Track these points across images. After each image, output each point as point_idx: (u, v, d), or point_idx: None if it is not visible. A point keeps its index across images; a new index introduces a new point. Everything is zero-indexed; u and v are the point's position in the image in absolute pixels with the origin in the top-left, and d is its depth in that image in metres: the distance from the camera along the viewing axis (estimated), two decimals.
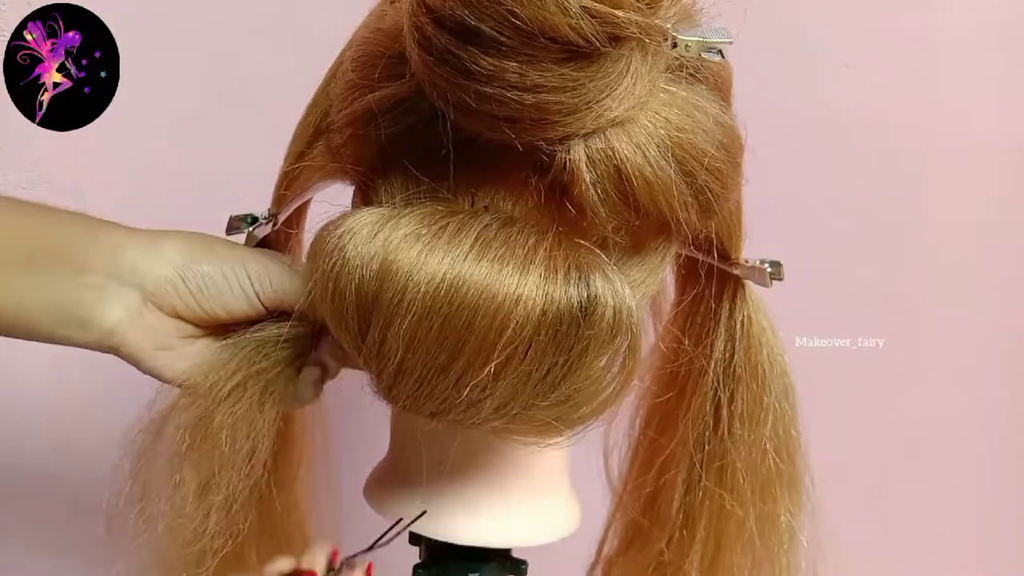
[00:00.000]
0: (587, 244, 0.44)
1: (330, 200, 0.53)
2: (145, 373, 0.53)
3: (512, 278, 0.41)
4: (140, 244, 0.51)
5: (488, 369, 0.42)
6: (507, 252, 0.42)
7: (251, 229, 0.55)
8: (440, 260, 0.42)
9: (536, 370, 0.43)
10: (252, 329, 0.52)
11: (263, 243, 0.58)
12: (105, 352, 0.51)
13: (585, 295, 0.42)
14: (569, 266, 0.42)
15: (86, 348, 0.51)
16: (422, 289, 0.41)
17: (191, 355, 0.52)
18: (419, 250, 0.42)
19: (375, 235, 0.43)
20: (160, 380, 0.53)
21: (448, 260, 0.42)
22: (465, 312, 0.41)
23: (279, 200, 0.55)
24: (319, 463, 0.68)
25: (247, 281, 0.51)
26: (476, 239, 0.42)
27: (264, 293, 0.51)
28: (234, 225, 0.55)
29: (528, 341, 0.42)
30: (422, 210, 0.44)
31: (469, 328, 0.42)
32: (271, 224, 0.55)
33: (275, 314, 0.52)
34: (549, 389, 0.44)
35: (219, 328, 0.52)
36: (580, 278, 0.42)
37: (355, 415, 0.69)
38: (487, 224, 0.43)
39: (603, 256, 0.44)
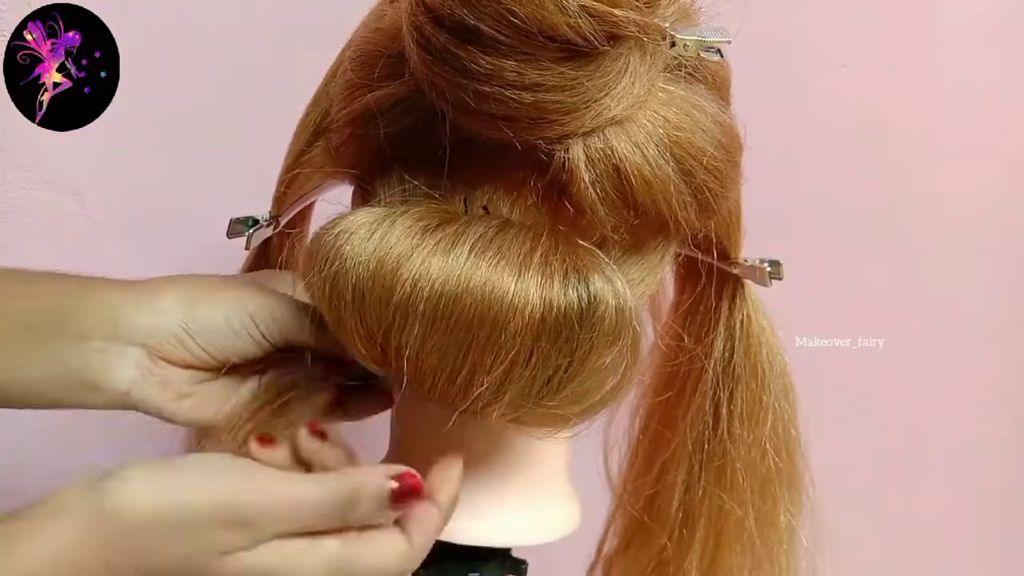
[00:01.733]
0: (585, 244, 0.44)
1: (332, 201, 0.53)
2: (170, 422, 0.52)
3: (508, 286, 0.41)
4: (137, 300, 0.50)
5: (492, 377, 0.42)
6: (503, 260, 0.42)
7: (252, 232, 0.55)
8: (437, 271, 0.41)
9: (541, 373, 0.43)
10: (268, 378, 0.52)
11: (264, 245, 0.58)
12: (126, 410, 0.51)
13: (586, 298, 0.42)
14: (567, 269, 0.42)
15: (105, 409, 0.51)
16: (421, 306, 0.41)
17: (213, 397, 0.52)
18: (416, 258, 0.42)
19: (371, 235, 0.43)
20: (187, 427, 0.53)
21: (445, 270, 0.41)
22: (463, 324, 0.41)
23: (280, 201, 0.55)
24: None
25: (251, 323, 0.50)
26: (472, 247, 0.42)
27: (270, 333, 0.51)
28: (235, 228, 0.55)
29: (530, 348, 0.42)
30: (418, 210, 0.44)
31: (471, 340, 0.42)
32: (272, 226, 0.55)
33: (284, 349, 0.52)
34: (556, 390, 0.44)
35: (234, 367, 0.52)
36: (579, 280, 0.42)
37: None
38: (483, 231, 0.43)
39: (601, 255, 0.44)
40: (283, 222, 0.55)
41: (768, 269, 0.53)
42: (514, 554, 0.57)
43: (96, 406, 0.51)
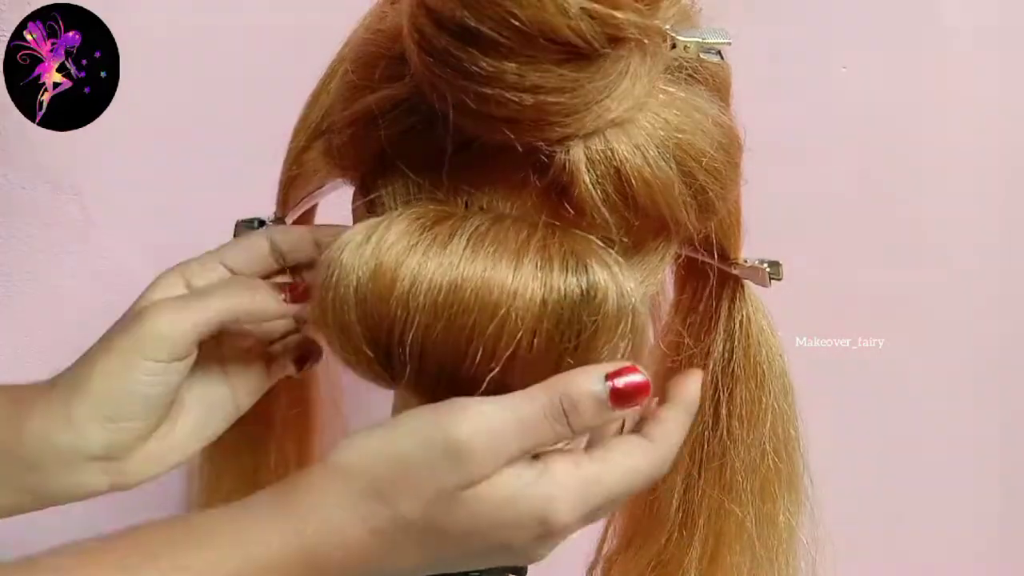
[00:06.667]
0: (580, 233, 0.44)
1: (335, 202, 0.53)
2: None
3: (507, 272, 0.42)
4: (58, 422, 0.48)
5: (495, 365, 0.42)
6: (500, 248, 0.42)
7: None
8: (435, 264, 0.42)
9: (545, 361, 0.43)
10: None
11: None
12: None
13: (585, 280, 0.42)
14: (565, 254, 0.43)
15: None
16: (421, 299, 0.42)
17: (198, 428, 0.52)
18: (413, 254, 0.42)
19: (368, 239, 0.43)
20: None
21: (443, 263, 0.42)
22: (465, 313, 0.42)
23: (283, 202, 0.55)
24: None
25: (157, 366, 0.48)
26: (468, 239, 0.42)
27: (183, 351, 0.48)
28: (241, 231, 0.55)
29: (532, 332, 0.42)
30: (414, 211, 0.44)
31: (473, 327, 0.42)
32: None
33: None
34: None
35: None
36: (578, 265, 0.42)
37: (353, 412, 0.69)
38: (479, 224, 0.43)
39: (597, 242, 0.44)
40: (289, 222, 0.55)
41: (768, 270, 0.53)
42: None
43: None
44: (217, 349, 0.53)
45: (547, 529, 0.42)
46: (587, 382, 0.43)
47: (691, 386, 0.48)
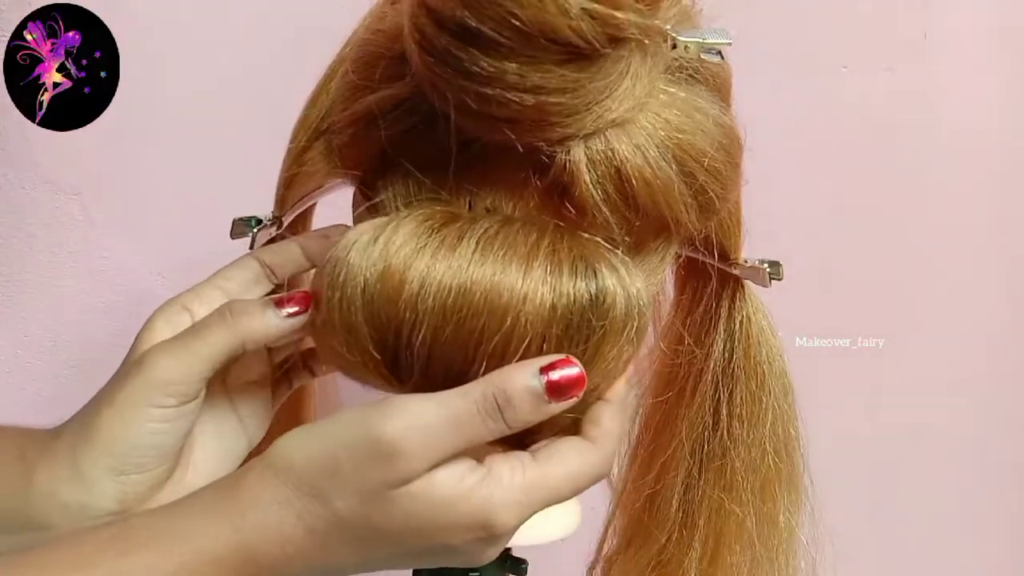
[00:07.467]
0: (589, 236, 0.44)
1: (333, 203, 0.53)
2: None
3: (516, 276, 0.42)
4: (67, 480, 0.46)
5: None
6: (510, 252, 0.42)
7: (256, 231, 0.55)
8: (444, 267, 0.42)
9: None
10: None
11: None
12: None
13: (594, 286, 0.42)
14: (574, 258, 0.43)
15: None
16: (430, 301, 0.42)
17: (210, 461, 0.51)
18: (422, 257, 0.42)
19: (376, 240, 0.43)
20: None
21: (453, 265, 0.42)
22: (474, 316, 0.41)
23: (282, 201, 0.55)
24: None
25: (163, 412, 0.46)
26: (478, 241, 0.42)
27: (193, 392, 0.47)
28: (238, 228, 0.55)
29: (541, 337, 0.42)
30: (421, 212, 0.44)
31: (481, 331, 0.42)
32: (275, 226, 0.55)
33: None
34: None
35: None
36: (587, 269, 0.42)
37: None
38: (488, 226, 0.43)
39: (605, 245, 0.44)
40: (286, 222, 0.55)
41: (768, 270, 0.53)
42: (514, 554, 0.57)
43: None
44: (223, 386, 0.52)
45: (490, 533, 0.42)
46: (522, 377, 0.42)
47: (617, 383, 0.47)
